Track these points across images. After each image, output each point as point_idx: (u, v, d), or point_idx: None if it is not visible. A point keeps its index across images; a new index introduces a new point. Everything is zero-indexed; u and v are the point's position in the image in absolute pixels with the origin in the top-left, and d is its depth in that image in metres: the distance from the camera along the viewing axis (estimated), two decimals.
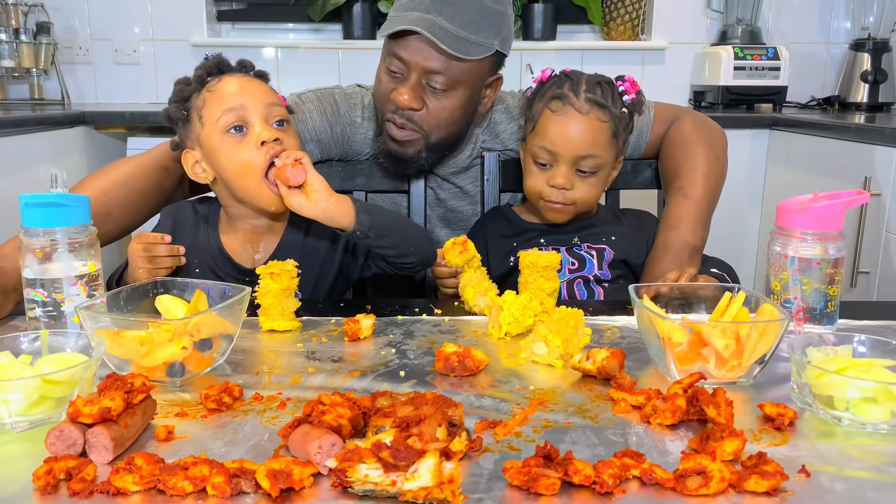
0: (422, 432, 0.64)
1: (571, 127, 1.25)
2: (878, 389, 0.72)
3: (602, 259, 1.32)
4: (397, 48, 1.26)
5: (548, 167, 1.28)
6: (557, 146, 1.25)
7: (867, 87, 2.77)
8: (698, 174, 1.35)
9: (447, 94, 1.29)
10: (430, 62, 1.25)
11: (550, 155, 1.27)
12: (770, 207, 2.43)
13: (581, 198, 1.29)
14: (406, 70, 1.28)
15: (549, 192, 1.28)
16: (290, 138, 1.15)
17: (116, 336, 0.80)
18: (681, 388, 0.74)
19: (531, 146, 1.29)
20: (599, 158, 1.26)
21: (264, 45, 2.96)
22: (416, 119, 1.30)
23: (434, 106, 1.29)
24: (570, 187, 1.27)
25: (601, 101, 1.26)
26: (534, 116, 1.30)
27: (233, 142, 1.11)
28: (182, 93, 1.16)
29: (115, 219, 1.23)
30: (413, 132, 1.31)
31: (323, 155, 1.44)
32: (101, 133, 2.52)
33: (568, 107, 1.26)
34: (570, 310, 0.93)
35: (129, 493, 0.60)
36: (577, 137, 1.25)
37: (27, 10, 2.77)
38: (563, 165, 1.26)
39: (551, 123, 1.26)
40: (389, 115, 1.32)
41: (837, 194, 0.98)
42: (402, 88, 1.28)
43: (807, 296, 0.96)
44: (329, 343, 0.97)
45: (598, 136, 1.26)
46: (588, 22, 3.01)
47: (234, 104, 1.11)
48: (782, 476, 0.61)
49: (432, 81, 1.27)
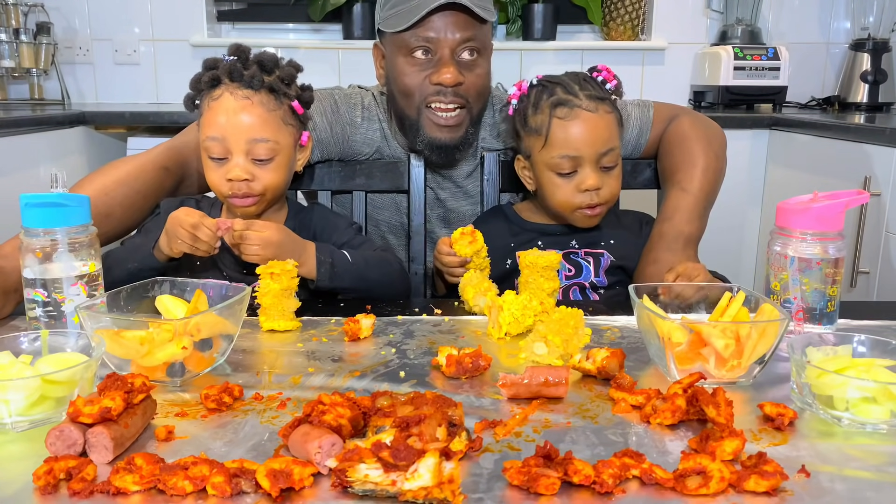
0: (422, 432, 0.64)
1: (588, 127, 1.25)
2: (877, 389, 0.72)
3: (599, 266, 1.32)
4: (424, 31, 1.28)
5: (573, 175, 1.27)
6: (581, 150, 1.25)
7: (867, 87, 2.77)
8: (696, 169, 1.35)
9: (477, 61, 1.32)
10: (464, 31, 1.28)
11: (574, 161, 1.25)
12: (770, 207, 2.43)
13: (610, 193, 1.28)
14: (434, 50, 1.29)
15: (582, 199, 1.27)
16: (269, 173, 1.17)
17: (116, 336, 0.80)
18: (681, 388, 0.74)
19: (548, 160, 1.27)
20: (617, 149, 1.28)
21: (264, 45, 2.96)
22: (461, 93, 1.32)
23: (471, 76, 1.32)
24: (601, 186, 1.26)
25: (601, 94, 1.27)
26: (539, 130, 1.28)
27: (210, 163, 1.17)
28: (197, 85, 1.19)
29: (115, 219, 1.23)
30: (460, 109, 1.33)
31: (323, 155, 1.44)
32: (101, 133, 2.52)
33: (577, 110, 1.25)
34: (570, 310, 0.93)
35: (129, 493, 0.60)
36: (595, 136, 1.25)
37: (27, 10, 2.77)
38: (588, 167, 1.26)
39: (567, 129, 1.25)
40: (432, 101, 1.32)
41: (837, 194, 0.98)
42: (441, 69, 1.30)
43: (807, 296, 0.96)
44: (329, 343, 0.97)
45: (611, 128, 1.27)
46: (588, 22, 3.01)
47: (219, 134, 1.14)
48: (782, 476, 0.61)
49: (464, 52, 1.30)
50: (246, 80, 1.15)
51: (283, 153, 1.18)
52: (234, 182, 1.15)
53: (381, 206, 1.53)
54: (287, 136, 1.19)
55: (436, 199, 1.51)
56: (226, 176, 1.15)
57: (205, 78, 1.16)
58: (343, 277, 1.16)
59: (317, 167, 1.46)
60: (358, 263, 1.18)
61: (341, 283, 1.17)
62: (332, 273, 1.15)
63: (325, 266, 1.14)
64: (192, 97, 1.20)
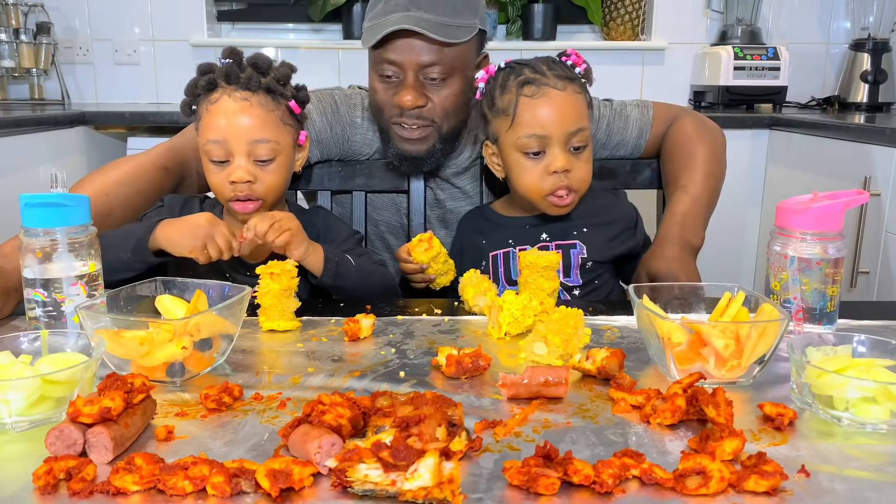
0: (422, 432, 0.64)
1: (556, 105, 1.21)
2: (877, 389, 0.72)
3: (570, 263, 1.29)
4: (387, 53, 1.27)
5: (540, 156, 1.23)
6: (548, 128, 1.21)
7: (867, 87, 2.77)
8: (700, 173, 1.35)
9: (446, 82, 1.30)
10: (423, 56, 1.26)
11: (541, 141, 1.21)
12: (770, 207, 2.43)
13: (580, 178, 1.24)
14: (401, 71, 1.29)
15: (551, 183, 1.23)
16: (270, 175, 1.17)
17: (116, 336, 0.80)
18: (680, 388, 0.74)
19: (515, 141, 1.23)
20: (587, 130, 1.24)
21: (264, 45, 2.96)
22: (425, 114, 1.31)
23: (437, 97, 1.31)
24: (571, 168, 1.22)
25: (570, 74, 1.25)
26: (506, 110, 1.24)
27: (212, 166, 1.17)
28: (193, 90, 1.19)
29: (115, 219, 1.23)
30: (425, 127, 1.33)
31: (323, 155, 1.44)
32: (101, 133, 2.52)
33: (544, 87, 1.22)
34: (570, 310, 0.93)
35: (129, 493, 0.60)
36: (563, 114, 1.21)
37: (27, 10, 2.77)
38: (557, 147, 1.22)
39: (534, 108, 1.22)
40: (396, 119, 1.32)
41: (837, 194, 0.98)
42: (402, 91, 1.29)
43: (806, 296, 0.96)
44: (329, 343, 0.97)
45: (580, 107, 1.24)
46: (588, 22, 3.01)
47: (219, 137, 1.14)
48: (782, 476, 0.61)
49: (430, 74, 1.28)
50: (243, 82, 1.15)
51: (284, 153, 1.19)
52: (237, 184, 1.15)
53: (380, 206, 1.53)
54: (286, 135, 1.19)
55: (434, 200, 1.51)
56: (228, 178, 1.15)
57: (201, 82, 1.16)
58: (346, 278, 1.17)
59: (317, 167, 1.46)
60: (361, 269, 1.20)
61: (343, 283, 1.17)
62: (337, 272, 1.16)
63: (332, 263, 1.15)
64: (189, 102, 1.20)
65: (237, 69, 1.16)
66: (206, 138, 1.16)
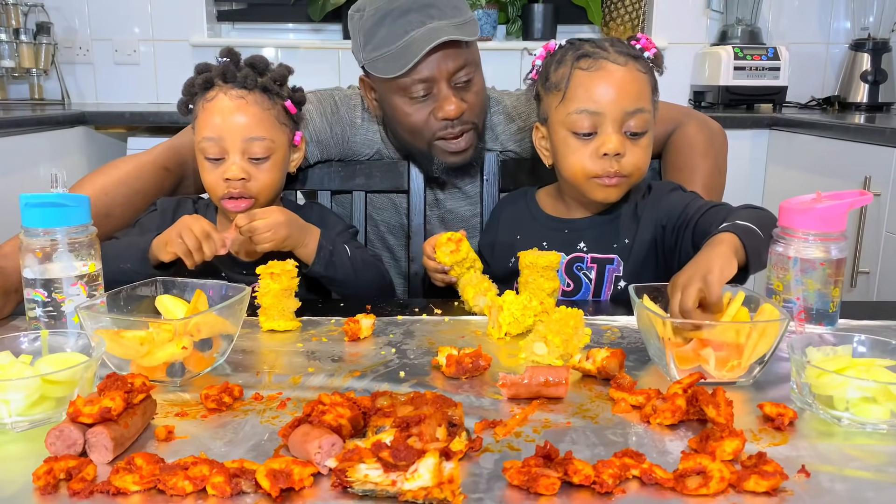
0: (422, 432, 0.64)
1: (612, 80, 1.09)
2: (877, 389, 0.72)
3: (602, 281, 1.19)
4: (416, 74, 1.25)
5: (592, 136, 1.10)
6: (601, 105, 1.09)
7: (867, 87, 2.77)
8: (699, 188, 1.34)
9: (472, 80, 1.31)
10: (451, 63, 1.26)
11: (593, 118, 1.09)
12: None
13: (634, 165, 1.11)
14: (431, 86, 1.28)
15: (599, 166, 1.10)
16: (265, 173, 1.17)
17: (116, 336, 0.80)
18: (681, 388, 0.74)
19: (565, 118, 1.11)
20: (648, 113, 1.11)
21: (264, 45, 2.96)
22: (466, 119, 1.31)
23: (470, 97, 1.31)
24: (624, 153, 1.10)
25: (634, 52, 1.13)
26: (559, 84, 1.12)
27: (207, 164, 1.17)
28: (190, 89, 1.19)
29: (115, 219, 1.23)
30: (468, 133, 1.33)
31: (323, 155, 1.44)
32: (101, 133, 2.52)
33: (602, 61, 1.10)
34: (570, 310, 0.93)
35: (129, 493, 0.60)
36: (621, 91, 1.09)
37: (27, 10, 2.77)
38: (610, 127, 1.09)
39: (589, 81, 1.10)
40: (439, 134, 1.32)
41: (840, 194, 0.97)
42: (441, 104, 1.28)
43: (809, 297, 0.96)
44: (329, 343, 0.97)
45: (642, 87, 1.11)
46: (588, 22, 3.01)
47: (215, 134, 1.15)
48: (782, 476, 0.61)
49: (460, 78, 1.28)
50: (239, 81, 1.16)
51: (279, 152, 1.19)
52: (231, 181, 1.15)
53: (380, 206, 1.53)
54: (281, 134, 1.19)
55: (434, 200, 1.51)
56: (222, 176, 1.15)
57: (198, 81, 1.17)
58: (338, 268, 1.17)
59: (317, 167, 1.46)
60: (355, 260, 1.20)
61: (334, 274, 1.17)
62: (329, 261, 1.16)
63: (325, 252, 1.16)
64: (186, 102, 1.20)
65: (234, 68, 1.17)
66: (202, 135, 1.16)
